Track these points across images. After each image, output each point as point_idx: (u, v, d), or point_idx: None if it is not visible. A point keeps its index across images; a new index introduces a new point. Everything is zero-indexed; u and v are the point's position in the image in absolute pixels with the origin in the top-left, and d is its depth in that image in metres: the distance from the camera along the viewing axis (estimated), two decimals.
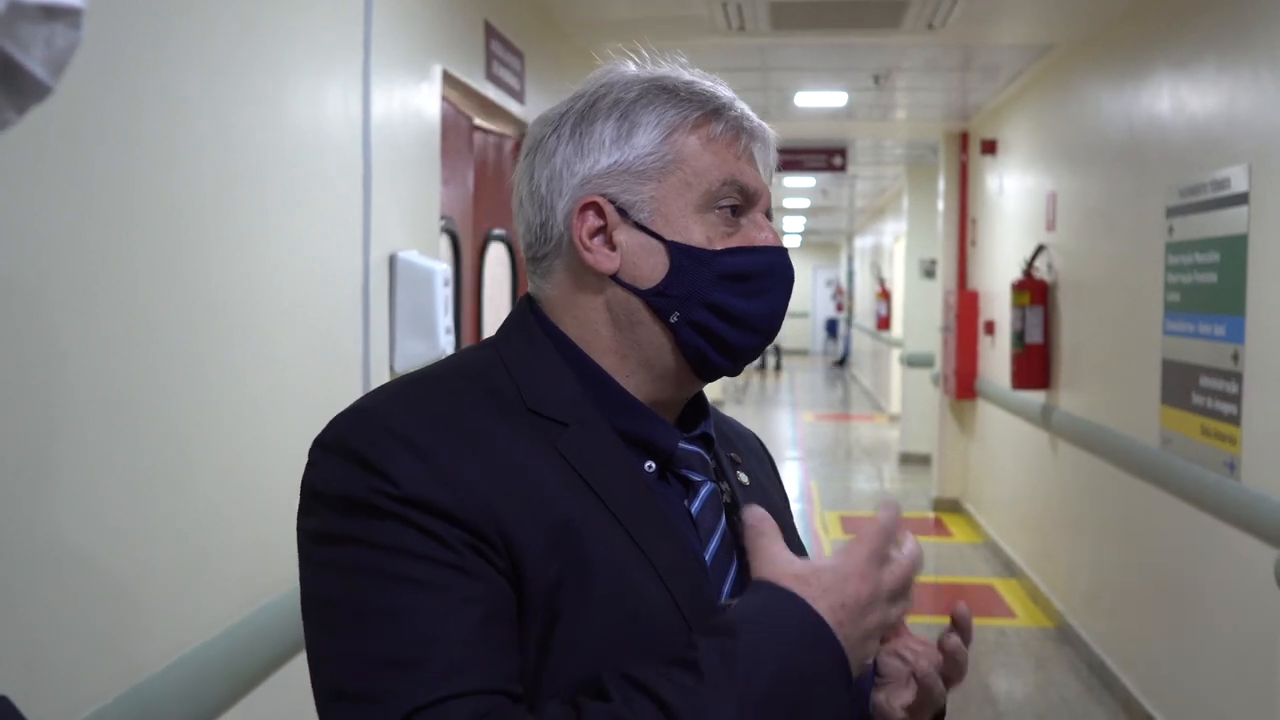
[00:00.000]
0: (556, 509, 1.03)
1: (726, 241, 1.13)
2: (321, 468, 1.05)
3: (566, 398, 1.11)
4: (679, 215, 1.12)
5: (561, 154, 1.14)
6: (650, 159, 1.12)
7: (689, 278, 1.11)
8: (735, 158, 1.14)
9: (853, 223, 21.13)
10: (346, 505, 1.00)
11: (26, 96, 0.84)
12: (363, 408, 1.08)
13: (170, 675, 1.91)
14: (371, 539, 0.99)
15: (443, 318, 3.18)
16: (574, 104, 1.16)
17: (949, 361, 8.74)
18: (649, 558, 1.06)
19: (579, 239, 1.12)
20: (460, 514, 0.99)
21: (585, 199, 1.12)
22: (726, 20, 5.37)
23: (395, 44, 3.13)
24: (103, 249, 1.78)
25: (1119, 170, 5.22)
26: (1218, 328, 3.98)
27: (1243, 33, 3.90)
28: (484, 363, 1.13)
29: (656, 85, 1.15)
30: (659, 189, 1.12)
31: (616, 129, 1.13)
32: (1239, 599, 3.85)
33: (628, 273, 1.12)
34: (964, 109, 8.21)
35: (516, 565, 1.00)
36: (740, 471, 1.26)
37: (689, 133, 1.13)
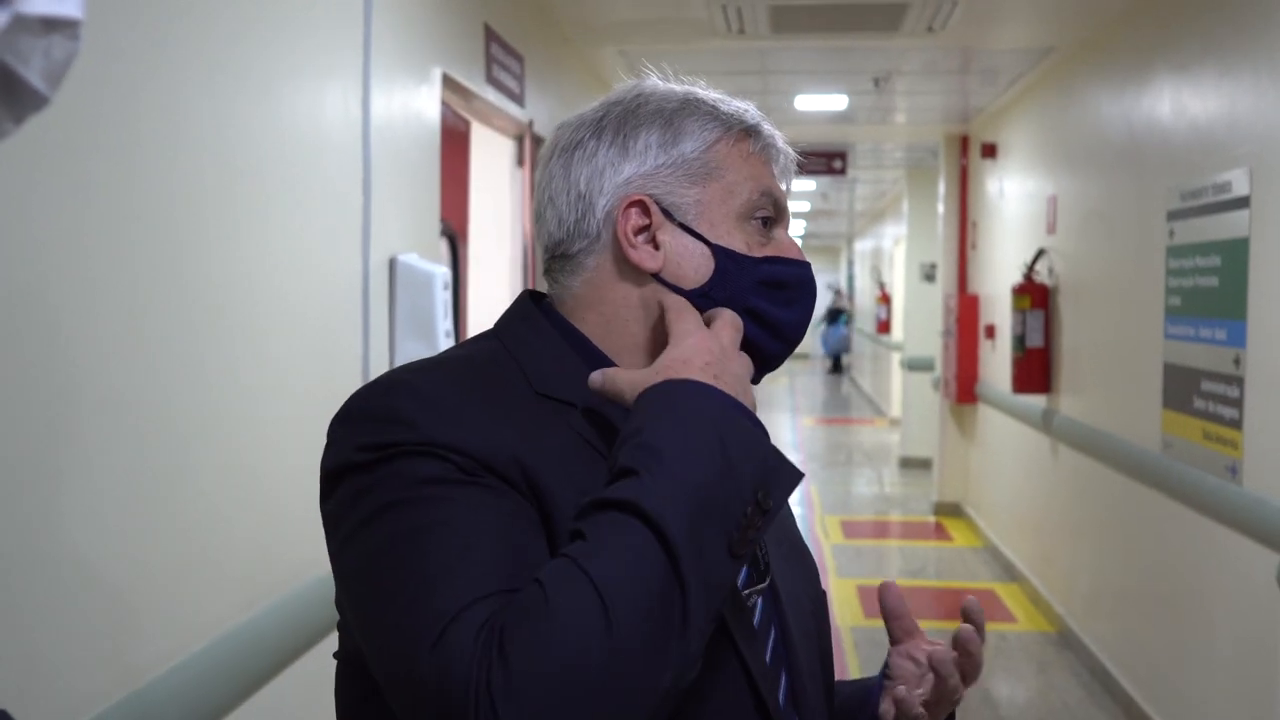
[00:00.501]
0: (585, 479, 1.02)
1: (763, 251, 1.16)
2: (337, 441, 1.05)
3: (572, 379, 1.11)
4: (721, 220, 1.15)
5: (604, 154, 1.15)
6: (696, 163, 1.15)
7: (732, 281, 1.14)
8: (767, 171, 1.18)
9: (853, 226, 21.14)
10: (370, 455, 1.00)
11: (24, 107, 0.84)
12: (374, 380, 1.09)
13: (171, 678, 1.91)
14: (396, 477, 0.99)
15: (442, 321, 3.17)
16: (610, 110, 1.17)
17: (949, 365, 8.74)
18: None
19: (623, 235, 1.13)
20: (483, 456, 0.99)
21: (632, 197, 1.14)
22: (726, 23, 5.37)
23: (395, 47, 3.13)
24: (103, 250, 1.77)
25: (1120, 173, 5.22)
26: (1219, 332, 3.97)
27: (1243, 36, 3.89)
28: (488, 351, 1.13)
29: (694, 99, 1.18)
30: (703, 193, 1.15)
31: (662, 134, 1.15)
32: (1240, 603, 3.84)
33: (670, 272, 1.14)
34: (964, 112, 8.22)
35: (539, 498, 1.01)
36: None
37: (731, 145, 1.16)
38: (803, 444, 13.88)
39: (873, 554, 8.24)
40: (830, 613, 6.94)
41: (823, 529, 8.89)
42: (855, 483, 11.20)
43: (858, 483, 11.21)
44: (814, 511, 9.60)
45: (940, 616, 6.72)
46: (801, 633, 1.20)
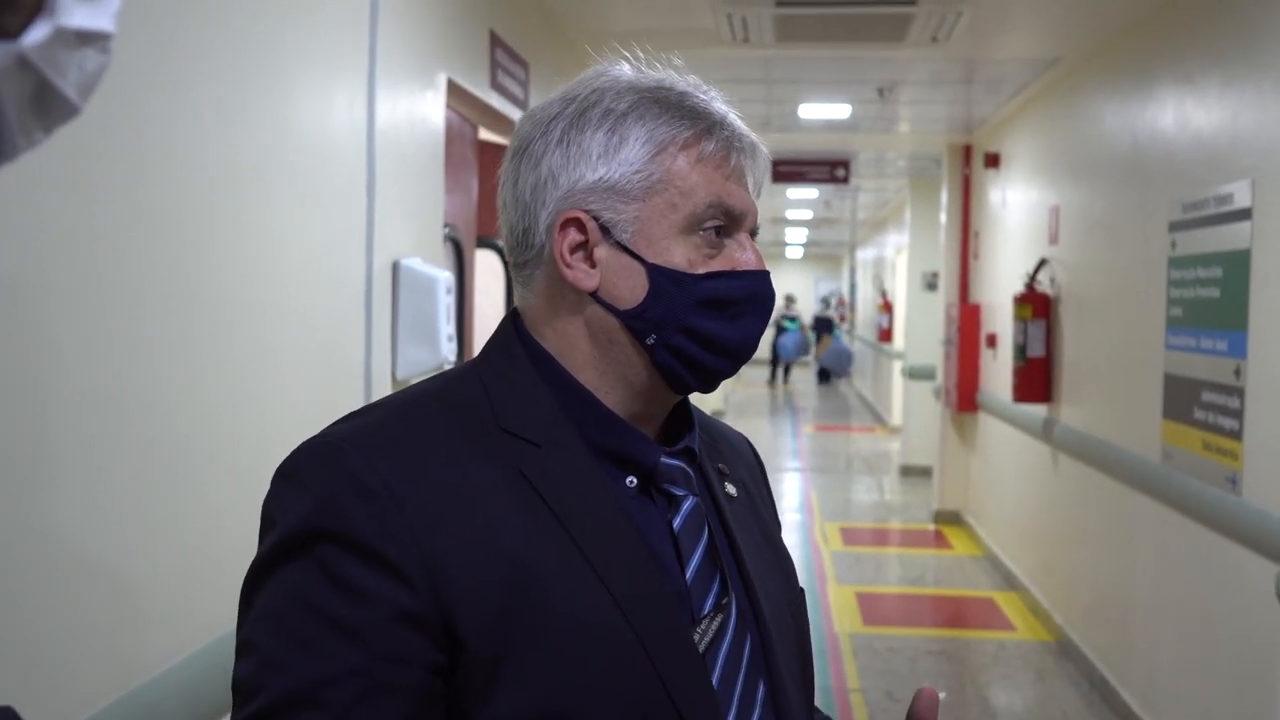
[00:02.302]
0: (506, 545, 1.02)
1: (708, 264, 1.11)
2: (275, 495, 1.06)
3: (541, 417, 1.09)
4: (661, 236, 1.10)
5: (548, 162, 1.12)
6: (637, 178, 1.10)
7: (667, 302, 1.10)
8: (724, 178, 1.12)
9: (855, 235, 21.14)
10: (283, 541, 1.01)
11: (56, 117, 0.87)
12: (327, 441, 1.07)
13: (171, 677, 1.91)
14: (289, 583, 1.00)
15: (445, 325, 3.18)
16: (565, 107, 1.13)
17: (950, 374, 8.75)
18: (611, 591, 1.04)
19: (559, 254, 1.11)
20: (392, 558, 0.99)
21: (568, 213, 1.11)
22: (731, 32, 5.38)
23: (401, 52, 3.14)
24: (107, 252, 1.78)
25: (1122, 184, 5.23)
26: (1220, 342, 3.98)
27: (1247, 48, 3.91)
28: (462, 386, 1.13)
29: (649, 97, 1.12)
30: (643, 209, 1.10)
31: (605, 141, 1.10)
32: (1240, 614, 3.84)
33: (606, 291, 1.11)
34: (968, 122, 8.23)
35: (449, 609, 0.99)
36: (728, 483, 1.24)
37: (679, 151, 1.11)
38: (803, 451, 13.88)
39: (872, 561, 8.24)
40: (828, 620, 6.91)
41: (822, 535, 8.89)
42: (855, 490, 11.20)
43: (858, 490, 11.21)
44: (813, 518, 9.60)
45: (939, 625, 6.72)
46: (780, 633, 1.18)
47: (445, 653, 0.99)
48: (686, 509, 1.14)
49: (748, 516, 1.24)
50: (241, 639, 1.02)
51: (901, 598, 7.31)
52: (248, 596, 1.03)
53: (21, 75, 0.81)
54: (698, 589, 1.12)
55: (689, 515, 1.14)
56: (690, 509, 1.14)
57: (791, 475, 11.92)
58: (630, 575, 1.06)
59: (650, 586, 1.07)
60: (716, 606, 1.12)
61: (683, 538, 1.13)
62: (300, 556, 1.00)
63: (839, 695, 5.41)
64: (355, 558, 0.98)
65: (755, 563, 1.19)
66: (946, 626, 6.70)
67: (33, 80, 0.82)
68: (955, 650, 6.17)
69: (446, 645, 0.99)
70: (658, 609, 1.07)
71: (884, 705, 5.28)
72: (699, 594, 1.12)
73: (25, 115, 0.84)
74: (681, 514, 1.14)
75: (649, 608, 1.06)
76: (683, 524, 1.13)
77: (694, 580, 1.11)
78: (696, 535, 1.14)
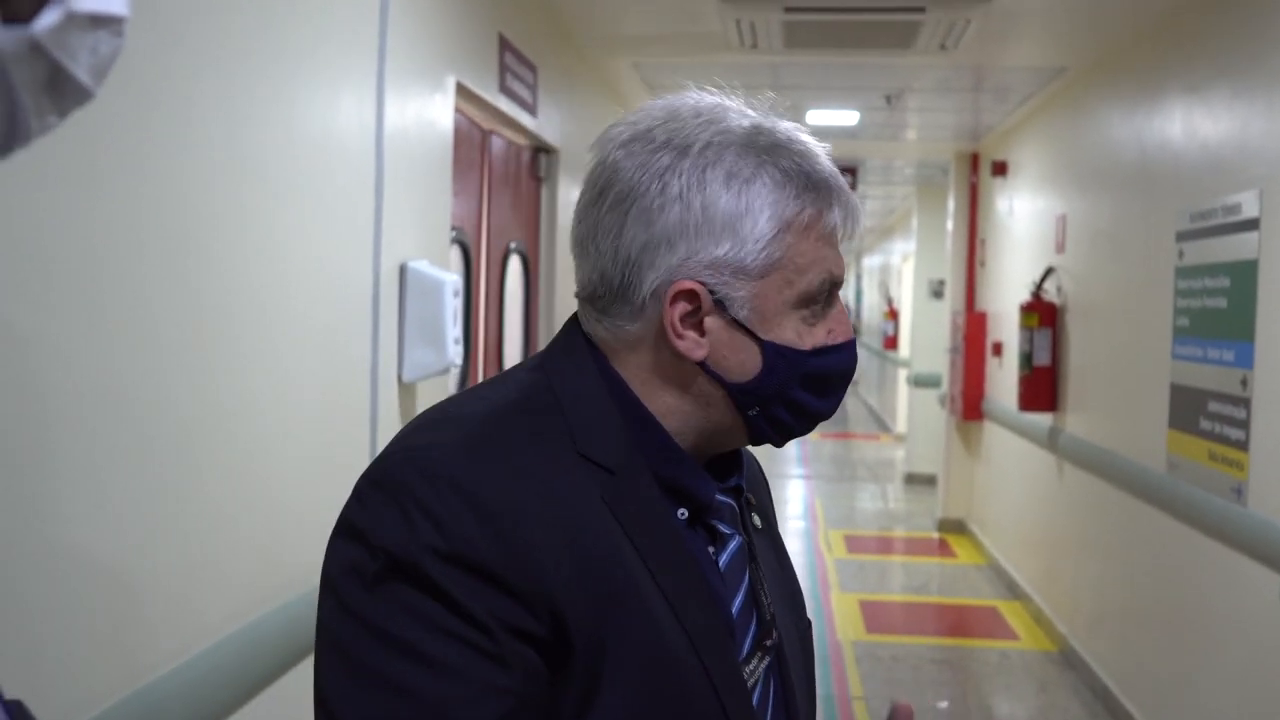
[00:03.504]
0: (604, 573, 1.01)
1: (813, 334, 1.11)
2: (370, 507, 1.00)
3: (614, 442, 1.08)
4: (775, 313, 1.09)
5: (664, 222, 1.06)
6: (762, 255, 1.07)
7: (778, 379, 1.10)
8: (832, 248, 1.11)
9: (861, 242, 21.14)
10: (387, 559, 0.97)
11: (70, 101, 0.86)
12: (421, 446, 1.03)
13: (175, 679, 1.91)
14: (403, 607, 0.96)
15: (451, 328, 3.18)
16: (677, 159, 1.07)
17: (956, 382, 8.74)
18: (683, 624, 1.05)
19: (671, 324, 1.07)
20: (509, 580, 0.97)
21: (683, 284, 1.06)
22: (740, 37, 5.38)
23: (409, 55, 3.14)
24: (111, 253, 1.78)
25: (1129, 194, 5.22)
26: (1227, 353, 3.97)
27: (1256, 58, 3.90)
28: (539, 397, 1.09)
29: (770, 161, 1.07)
30: (761, 286, 1.08)
31: (732, 211, 1.06)
32: (1245, 625, 3.83)
33: (715, 362, 1.09)
34: (975, 130, 8.22)
35: (561, 632, 0.98)
36: (754, 514, 1.24)
37: (805, 228, 1.08)
38: (808, 458, 13.87)
39: (875, 569, 8.23)
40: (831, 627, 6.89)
41: (826, 543, 8.88)
42: (859, 498, 11.19)
43: (862, 498, 11.20)
44: (818, 525, 9.59)
45: (942, 633, 6.71)
46: (798, 675, 1.20)
47: (554, 673, 0.99)
48: (733, 548, 1.14)
49: (769, 550, 1.24)
50: (351, 662, 0.97)
51: (905, 606, 7.30)
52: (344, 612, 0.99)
53: (34, 60, 0.81)
54: (739, 627, 1.12)
55: (734, 554, 1.14)
56: (736, 549, 1.15)
57: (796, 482, 11.91)
58: (697, 608, 1.07)
59: (713, 620, 1.08)
60: (760, 648, 1.13)
61: (728, 576, 1.13)
62: (417, 576, 0.96)
63: (841, 704, 5.40)
64: (477, 580, 0.96)
65: (775, 598, 1.20)
66: (950, 635, 6.69)
67: (45, 65, 0.82)
68: (958, 659, 6.16)
69: (557, 667, 0.99)
70: (721, 644, 1.08)
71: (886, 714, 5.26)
72: (740, 632, 1.12)
73: (39, 100, 0.83)
74: (728, 552, 1.14)
75: (713, 642, 1.07)
76: (728, 563, 1.13)
77: (737, 618, 1.12)
78: (740, 574, 1.15)
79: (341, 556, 1.01)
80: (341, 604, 0.99)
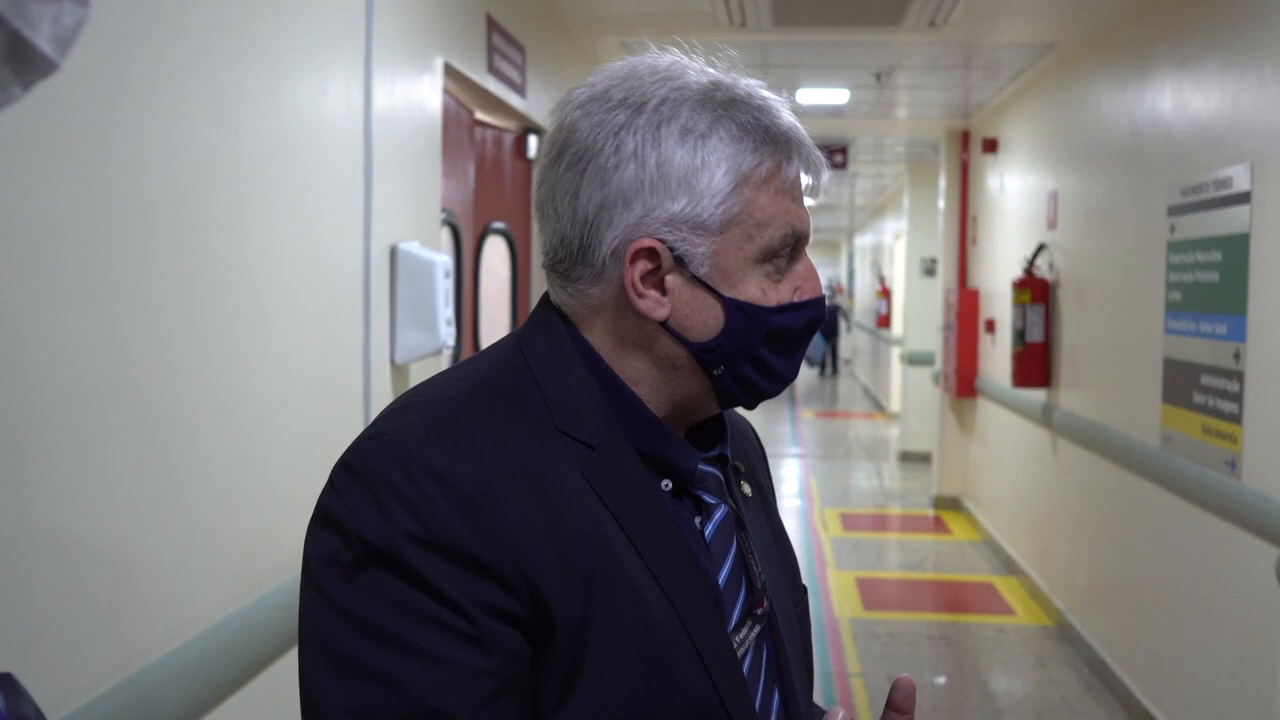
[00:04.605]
0: (585, 550, 1.00)
1: (777, 291, 1.09)
2: (345, 495, 0.99)
3: (592, 417, 1.06)
4: (736, 269, 1.07)
5: (619, 181, 1.05)
6: (720, 210, 1.05)
7: (741, 336, 1.08)
8: (795, 201, 1.09)
9: (853, 220, 21.14)
10: (365, 547, 0.96)
11: (33, 73, 0.84)
12: (393, 431, 1.02)
13: (168, 663, 1.91)
14: (381, 594, 0.95)
15: (443, 309, 3.17)
16: (633, 116, 1.05)
17: (949, 360, 8.74)
18: (669, 597, 1.04)
19: (631, 282, 1.06)
20: (487, 561, 0.96)
21: (641, 242, 1.05)
22: (729, 16, 5.36)
23: (397, 36, 3.13)
24: (104, 237, 1.77)
25: (1121, 169, 5.22)
26: (1219, 326, 3.98)
27: (1246, 32, 3.89)
28: (514, 375, 1.08)
29: (727, 115, 1.06)
30: (720, 241, 1.06)
31: (688, 167, 1.04)
32: (1239, 597, 3.85)
33: (677, 322, 1.07)
34: (965, 107, 8.21)
35: (543, 611, 0.98)
36: (744, 481, 1.23)
37: (762, 182, 1.06)
38: (802, 437, 13.88)
39: (872, 547, 8.25)
40: (828, 605, 6.90)
41: (822, 521, 8.90)
42: (855, 476, 11.21)
43: (857, 476, 11.22)
44: (813, 504, 9.61)
45: (939, 609, 6.73)
46: (790, 641, 1.19)
47: (537, 652, 0.99)
48: (719, 518, 1.13)
49: (760, 516, 1.23)
50: (333, 652, 0.96)
51: (901, 583, 7.32)
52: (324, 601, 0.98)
53: None
54: (727, 597, 1.11)
55: (720, 524, 1.13)
56: (722, 518, 1.14)
57: (791, 461, 11.92)
58: (682, 580, 1.06)
59: (699, 591, 1.07)
60: (750, 616, 1.12)
61: (714, 546, 1.12)
62: (395, 563, 0.95)
63: (839, 680, 5.42)
64: (455, 564, 0.95)
65: (767, 566, 1.19)
66: (946, 611, 6.70)
67: (4, 34, 0.80)
68: (955, 635, 6.18)
69: (539, 646, 0.98)
70: (708, 615, 1.07)
71: (884, 690, 5.28)
72: (728, 602, 1.11)
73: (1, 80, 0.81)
74: (714, 522, 1.13)
75: (700, 613, 1.06)
76: (714, 532, 1.13)
77: (724, 588, 1.11)
78: (727, 544, 1.14)
79: (320, 546, 1.00)
80: (321, 593, 0.98)
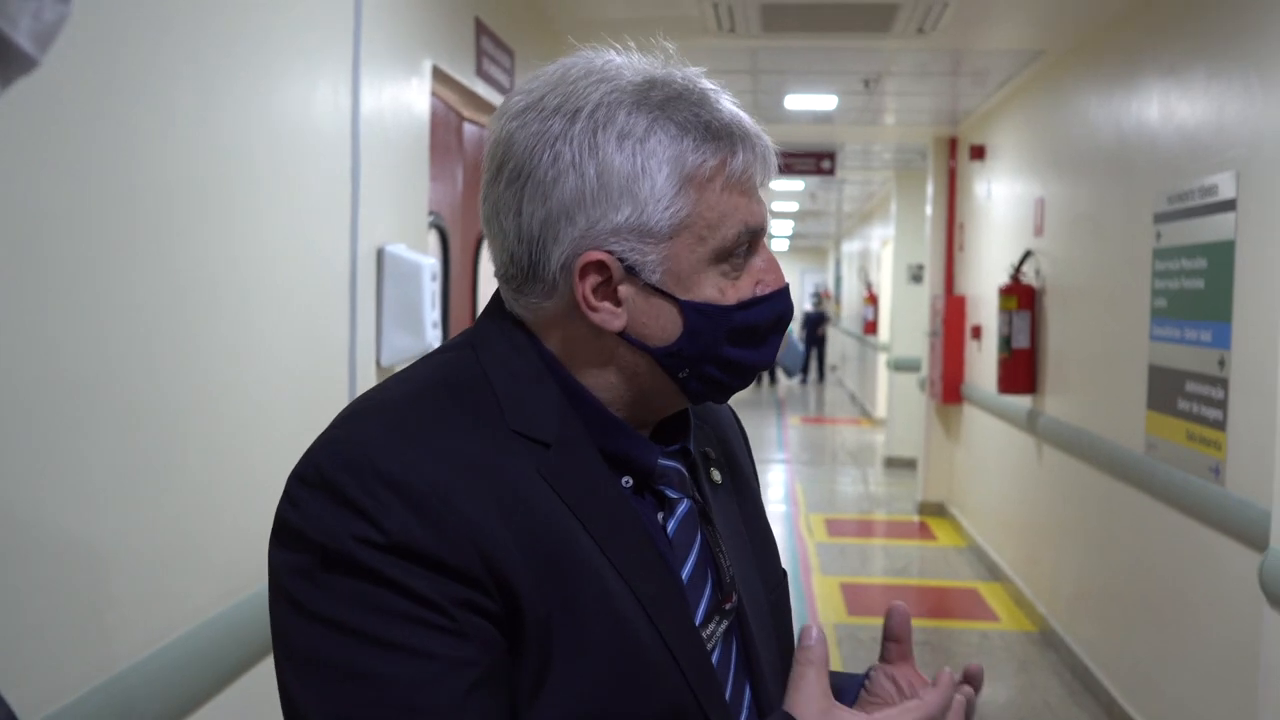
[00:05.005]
0: (546, 544, 0.99)
1: (736, 288, 1.07)
2: (301, 506, 0.98)
3: (549, 416, 1.05)
4: (690, 271, 1.05)
5: (559, 195, 1.02)
6: (666, 215, 1.02)
7: (703, 338, 1.06)
8: (746, 196, 1.06)
9: (840, 227, 21.16)
10: (327, 555, 0.95)
11: (12, 69, 0.82)
12: (344, 439, 1.00)
13: (155, 662, 1.90)
14: (353, 597, 0.94)
15: (430, 312, 3.17)
16: (568, 125, 1.02)
17: (935, 366, 8.76)
18: (634, 591, 1.03)
19: (583, 297, 1.04)
20: (452, 561, 0.94)
21: (589, 256, 1.03)
22: (717, 21, 5.37)
23: (385, 38, 3.13)
24: (94, 237, 1.77)
25: (1107, 176, 5.24)
26: (1204, 333, 3.99)
27: (1232, 41, 3.91)
28: (466, 374, 1.06)
29: (665, 116, 1.03)
30: (671, 246, 1.03)
31: (629, 174, 1.01)
32: (1222, 604, 3.86)
33: (635, 330, 1.06)
34: (953, 114, 8.24)
35: (512, 603, 0.97)
36: (713, 468, 1.21)
37: (707, 180, 1.04)
38: (788, 443, 13.90)
39: (856, 552, 8.25)
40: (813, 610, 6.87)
41: (807, 527, 8.90)
42: (840, 482, 11.22)
43: (842, 482, 11.23)
44: (799, 509, 9.61)
45: (923, 615, 6.73)
46: (763, 633, 1.17)
47: (510, 644, 0.98)
48: (681, 513, 1.12)
49: (731, 504, 1.21)
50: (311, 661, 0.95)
51: (886, 588, 7.32)
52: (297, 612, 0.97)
53: None
54: (692, 593, 1.10)
55: (683, 518, 1.12)
56: (684, 512, 1.12)
57: (777, 467, 11.93)
58: (647, 576, 1.05)
59: (665, 587, 1.06)
60: (718, 611, 1.11)
61: (677, 541, 1.11)
62: (362, 568, 0.94)
63: None
64: (418, 567, 0.94)
65: (736, 558, 1.17)
66: (930, 617, 6.71)
67: None
68: (939, 640, 6.19)
69: (512, 639, 0.98)
70: (675, 610, 1.06)
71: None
72: (693, 598, 1.10)
73: None
74: (676, 517, 1.11)
75: (667, 608, 1.05)
76: (676, 527, 1.11)
77: (688, 583, 1.10)
78: (691, 539, 1.12)
79: (284, 560, 0.99)
80: (293, 604, 0.97)
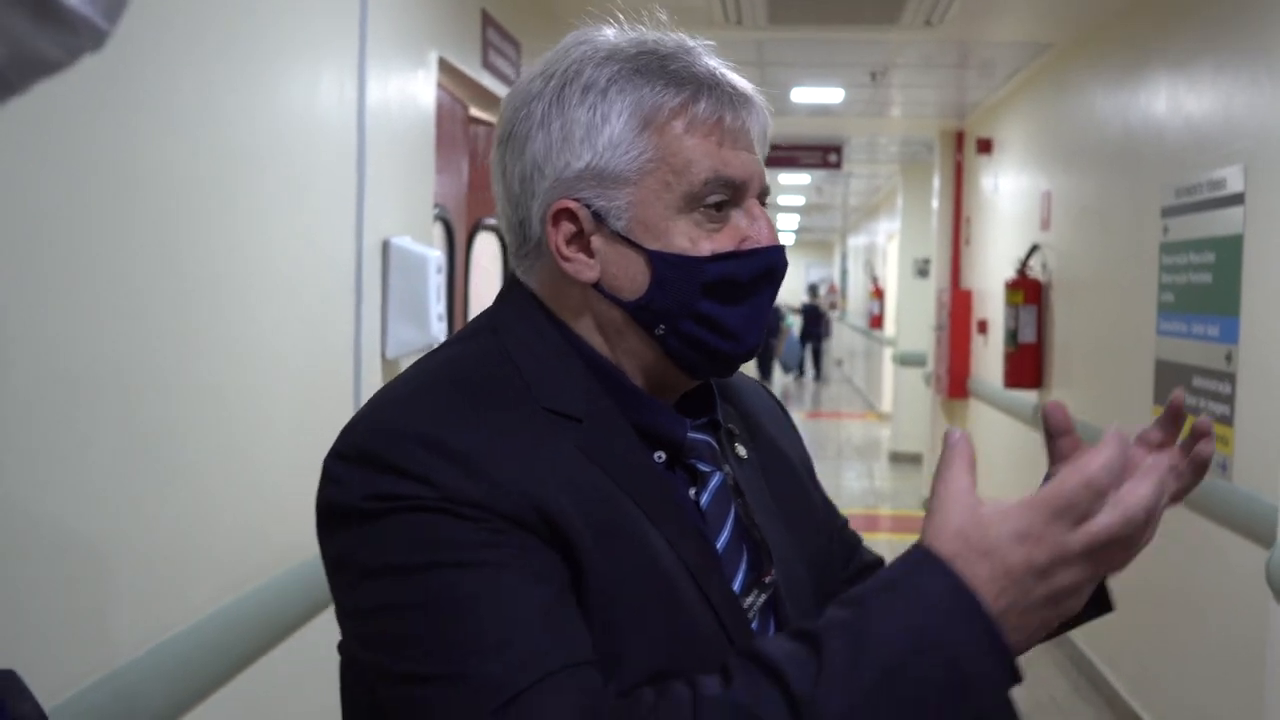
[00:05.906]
0: (600, 510, 0.98)
1: (713, 241, 1.05)
2: (344, 482, 0.98)
3: (575, 390, 1.04)
4: (659, 219, 1.04)
5: (531, 150, 1.05)
6: (626, 159, 1.03)
7: (673, 289, 1.04)
8: (719, 145, 1.05)
9: (846, 221, 21.13)
10: (380, 515, 0.94)
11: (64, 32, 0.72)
12: (377, 417, 1.01)
13: (158, 655, 1.90)
14: (416, 540, 0.93)
15: (435, 305, 3.16)
16: (544, 85, 1.06)
17: (941, 360, 8.75)
18: (682, 559, 1.02)
19: (555, 247, 1.05)
20: (508, 511, 0.94)
21: (558, 204, 1.05)
22: (724, 13, 5.35)
23: (391, 30, 3.12)
24: (97, 231, 1.76)
25: (1114, 170, 5.22)
26: (1211, 328, 3.98)
27: (1240, 33, 3.89)
28: (488, 359, 1.06)
29: (630, 66, 1.05)
30: (636, 192, 1.04)
31: (588, 121, 1.03)
32: (1228, 599, 3.85)
33: (608, 283, 1.06)
34: (960, 107, 8.21)
35: (570, 552, 0.96)
36: (738, 444, 1.19)
37: (667, 122, 1.04)
38: None
39: None
40: None
41: None
42: (845, 476, 11.22)
43: (848, 476, 11.22)
44: None
45: None
46: (800, 611, 1.14)
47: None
48: (714, 485, 1.11)
49: (757, 480, 1.19)
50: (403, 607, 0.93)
51: None
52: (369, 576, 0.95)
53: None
54: (728, 564, 1.09)
55: (715, 491, 1.11)
56: (717, 485, 1.12)
57: None
58: (693, 546, 1.04)
59: (707, 559, 1.06)
60: (756, 584, 1.10)
61: (710, 514, 1.10)
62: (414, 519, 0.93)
63: None
64: (478, 511, 0.93)
65: (769, 531, 1.16)
66: None
67: None
68: None
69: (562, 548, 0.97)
70: (719, 581, 1.06)
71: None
72: (730, 569, 1.10)
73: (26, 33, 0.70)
74: (709, 490, 1.11)
75: (713, 579, 1.05)
76: (710, 500, 1.11)
77: (723, 556, 1.09)
78: (724, 510, 1.12)
79: (338, 541, 0.98)
80: (360, 574, 0.96)
